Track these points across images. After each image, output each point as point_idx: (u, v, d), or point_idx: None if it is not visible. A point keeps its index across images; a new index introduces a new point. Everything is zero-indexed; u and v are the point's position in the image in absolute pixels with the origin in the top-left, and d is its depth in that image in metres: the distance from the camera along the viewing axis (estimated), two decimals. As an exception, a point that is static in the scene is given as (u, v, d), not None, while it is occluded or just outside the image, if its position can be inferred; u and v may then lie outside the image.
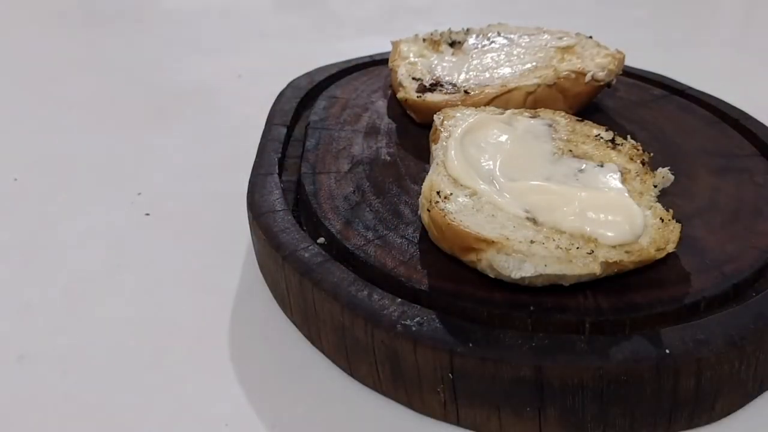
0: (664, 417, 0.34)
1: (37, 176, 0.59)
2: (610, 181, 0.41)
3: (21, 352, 0.41)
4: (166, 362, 0.40)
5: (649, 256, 0.36)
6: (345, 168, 0.48)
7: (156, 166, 0.61)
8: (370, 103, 0.57)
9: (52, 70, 0.82)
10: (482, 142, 0.44)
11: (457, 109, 0.48)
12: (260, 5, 1.08)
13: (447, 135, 0.44)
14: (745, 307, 0.35)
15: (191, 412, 0.37)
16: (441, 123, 0.46)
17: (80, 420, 0.36)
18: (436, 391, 0.35)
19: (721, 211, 0.43)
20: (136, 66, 0.84)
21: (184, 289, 0.46)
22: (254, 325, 0.43)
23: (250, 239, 0.48)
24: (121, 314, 0.44)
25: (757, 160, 0.48)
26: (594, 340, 0.33)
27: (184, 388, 0.38)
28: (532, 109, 0.49)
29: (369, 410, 0.37)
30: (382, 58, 0.65)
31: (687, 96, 0.58)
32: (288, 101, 0.57)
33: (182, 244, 0.50)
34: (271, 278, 0.44)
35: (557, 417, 0.33)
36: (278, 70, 0.68)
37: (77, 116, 0.70)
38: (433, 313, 0.35)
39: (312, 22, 1.00)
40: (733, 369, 0.33)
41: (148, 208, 0.54)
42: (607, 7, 1.05)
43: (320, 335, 0.39)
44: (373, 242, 0.40)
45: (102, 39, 0.94)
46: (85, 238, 0.51)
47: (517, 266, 0.35)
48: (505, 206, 0.38)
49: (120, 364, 0.40)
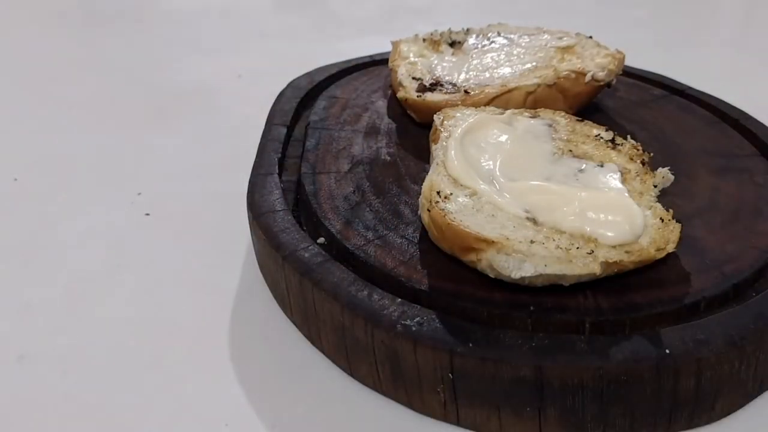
0: (664, 417, 0.34)
1: (37, 176, 0.59)
2: (610, 181, 0.41)
3: (21, 352, 0.41)
4: (166, 362, 0.40)
5: (649, 256, 0.36)
6: (345, 168, 0.48)
7: (156, 166, 0.61)
8: (370, 103, 0.57)
9: (52, 70, 0.82)
10: (482, 142, 0.44)
11: (457, 109, 0.48)
12: (260, 5, 1.08)
13: (447, 135, 0.44)
14: (745, 307, 0.35)
15: (191, 412, 0.37)
16: (441, 123, 0.46)
17: (80, 420, 0.36)
18: (436, 391, 0.35)
19: (721, 211, 0.43)
20: (136, 66, 0.84)
21: (184, 289, 0.46)
22: (254, 325, 0.43)
23: (250, 239, 0.48)
24: (121, 314, 0.44)
25: (757, 160, 0.48)
26: (594, 340, 0.33)
27: (184, 388, 0.38)
28: (532, 109, 0.49)
29: (369, 410, 0.37)
30: (382, 58, 0.65)
31: (687, 96, 0.58)
32: (288, 101, 0.57)
33: (182, 244, 0.50)
34: (271, 278, 0.44)
35: (557, 417, 0.33)
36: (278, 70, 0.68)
37: (77, 116, 0.70)
38: (433, 313, 0.35)
39: (312, 22, 1.00)
40: (733, 369, 0.33)
41: (148, 208, 0.54)
42: (607, 7, 1.05)
43: (320, 335, 0.39)
44: (373, 242, 0.40)
45: (102, 39, 0.94)
46: (85, 238, 0.51)
47: (517, 266, 0.35)
48: (505, 206, 0.38)
49: (120, 364, 0.40)
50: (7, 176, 0.59)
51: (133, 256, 0.49)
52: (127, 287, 0.46)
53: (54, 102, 0.74)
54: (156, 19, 1.02)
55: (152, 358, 0.40)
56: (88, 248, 0.50)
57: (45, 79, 0.80)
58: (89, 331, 0.42)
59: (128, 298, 0.45)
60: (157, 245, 0.50)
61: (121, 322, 0.43)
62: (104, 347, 0.41)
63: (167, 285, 0.46)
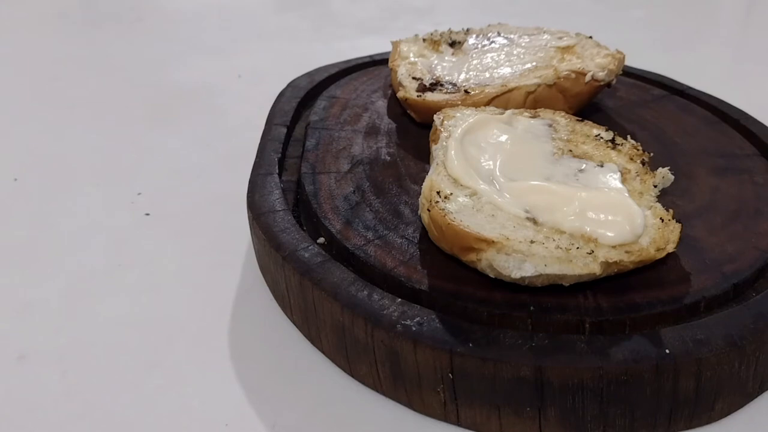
0: (664, 417, 0.34)
1: (37, 176, 0.59)
2: (610, 181, 0.41)
3: (21, 352, 0.41)
4: (166, 362, 0.40)
5: (649, 256, 0.36)
6: (345, 168, 0.48)
7: (156, 166, 0.61)
8: (370, 103, 0.57)
9: (52, 70, 0.82)
10: (482, 142, 0.44)
11: (457, 109, 0.48)
12: (260, 5, 1.08)
13: (447, 135, 0.44)
14: (745, 307, 0.35)
15: (191, 412, 0.37)
16: (441, 123, 0.46)
17: (80, 420, 0.36)
18: (436, 391, 0.35)
19: (721, 211, 0.43)
20: (137, 66, 0.84)
21: (184, 289, 0.46)
22: (254, 325, 0.43)
23: (250, 239, 0.48)
24: (121, 314, 0.44)
25: (757, 160, 0.48)
26: (594, 340, 0.33)
27: (184, 388, 0.38)
28: (532, 109, 0.49)
29: (369, 410, 0.37)
30: (382, 58, 0.65)
31: (687, 96, 0.58)
32: (288, 101, 0.58)
33: (182, 244, 0.50)
34: (271, 278, 0.44)
35: (557, 417, 0.33)
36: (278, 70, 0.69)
37: (77, 116, 0.70)
38: (433, 313, 0.35)
39: (312, 22, 1.00)
40: (733, 369, 0.33)
41: (148, 208, 0.55)
42: (607, 7, 1.05)
43: (320, 335, 0.39)
44: (373, 242, 0.40)
45: (102, 39, 0.94)
46: (85, 238, 0.51)
47: (517, 266, 0.35)
48: (505, 206, 0.38)
49: (120, 364, 0.40)
50: (7, 176, 0.59)
51: (133, 256, 0.49)
52: (127, 287, 0.46)
53: (54, 102, 0.74)
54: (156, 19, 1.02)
55: (152, 358, 0.40)
56: (88, 248, 0.50)
57: (45, 79, 0.80)
58: (89, 331, 0.42)
59: (128, 298, 0.45)
60: (157, 245, 0.50)
61: (121, 322, 0.43)
62: (104, 347, 0.41)
63: (167, 285, 0.46)
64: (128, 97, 0.75)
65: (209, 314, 0.43)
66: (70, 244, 0.50)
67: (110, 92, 0.76)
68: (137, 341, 0.41)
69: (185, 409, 0.37)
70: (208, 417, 0.36)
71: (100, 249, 0.50)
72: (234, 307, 0.44)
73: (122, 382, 0.39)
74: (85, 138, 0.66)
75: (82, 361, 0.40)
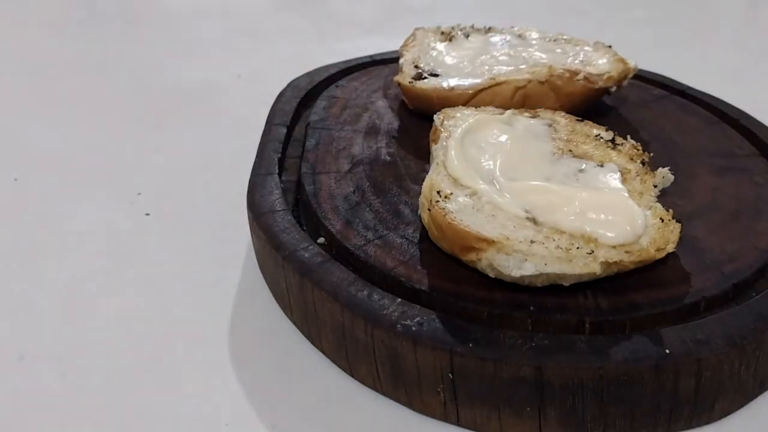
0: (664, 417, 0.34)
1: (37, 176, 0.59)
2: (610, 181, 0.41)
3: (21, 352, 0.41)
4: (166, 362, 0.40)
5: (649, 256, 0.36)
6: (345, 168, 0.48)
7: (156, 166, 0.61)
8: (370, 103, 0.57)
9: (52, 70, 0.82)
10: (482, 142, 0.44)
11: (457, 109, 0.48)
12: (260, 5, 1.08)
13: (447, 135, 0.44)
14: (745, 307, 0.35)
15: (191, 412, 0.37)
16: (441, 123, 0.46)
17: (80, 420, 0.36)
18: (436, 391, 0.35)
19: (721, 211, 0.43)
20: (137, 66, 0.84)
21: (184, 289, 0.46)
22: (254, 325, 0.43)
23: (250, 239, 0.48)
24: (121, 314, 0.44)
25: (757, 160, 0.48)
26: (594, 340, 0.33)
27: (184, 388, 0.38)
28: (532, 109, 0.49)
29: (369, 410, 0.37)
30: (382, 58, 0.65)
31: (687, 96, 0.58)
32: (288, 101, 0.57)
33: (182, 244, 0.50)
34: (271, 278, 0.44)
35: (557, 417, 0.33)
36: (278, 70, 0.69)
37: (77, 116, 0.70)
38: (433, 313, 0.35)
39: (312, 22, 1.00)
40: (733, 369, 0.33)
41: (148, 208, 0.54)
42: (607, 7, 1.05)
43: (320, 335, 0.39)
44: (373, 242, 0.40)
45: (102, 39, 0.94)
46: (85, 238, 0.51)
47: (518, 265, 0.35)
48: (506, 206, 0.38)
49: (120, 364, 0.40)
50: (7, 176, 0.59)
51: (133, 256, 0.49)
52: (127, 287, 0.46)
53: (54, 102, 0.74)
54: (156, 19, 1.02)
55: (152, 358, 0.40)
56: (88, 248, 0.50)
57: (45, 79, 0.80)
58: (89, 331, 0.42)
59: (128, 298, 0.45)
60: (157, 245, 0.50)
61: (121, 322, 0.43)
62: (104, 347, 0.41)
63: (167, 285, 0.46)
64: (128, 97, 0.75)
65: (209, 314, 0.43)
66: (70, 244, 0.50)
67: (110, 92, 0.76)
68: (137, 341, 0.41)
69: (185, 409, 0.37)
70: (208, 417, 0.36)
71: (100, 249, 0.50)
72: (234, 307, 0.44)
73: (122, 383, 0.39)
74: (85, 138, 0.66)
75: (82, 361, 0.40)
